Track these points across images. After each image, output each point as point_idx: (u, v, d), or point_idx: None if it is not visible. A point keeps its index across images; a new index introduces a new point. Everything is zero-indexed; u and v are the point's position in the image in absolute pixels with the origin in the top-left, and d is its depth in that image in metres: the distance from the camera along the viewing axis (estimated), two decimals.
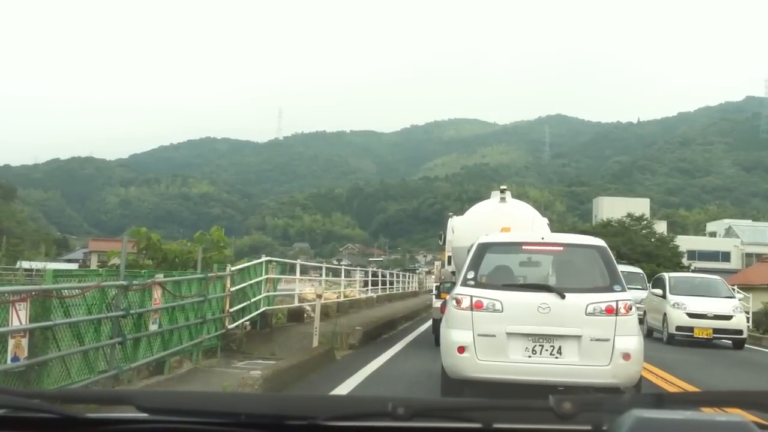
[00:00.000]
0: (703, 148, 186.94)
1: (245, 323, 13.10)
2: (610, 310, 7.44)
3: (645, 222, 56.72)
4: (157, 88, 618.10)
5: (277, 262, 15.98)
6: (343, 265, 37.72)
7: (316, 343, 12.22)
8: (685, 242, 64.57)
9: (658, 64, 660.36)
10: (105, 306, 7.69)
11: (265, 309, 14.02)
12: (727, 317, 17.56)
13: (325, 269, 24.00)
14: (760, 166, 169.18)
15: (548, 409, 1.51)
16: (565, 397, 1.52)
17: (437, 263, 25.49)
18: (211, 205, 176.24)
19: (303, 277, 20.26)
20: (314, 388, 8.97)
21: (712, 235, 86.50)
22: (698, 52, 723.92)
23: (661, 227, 65.15)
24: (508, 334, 7.42)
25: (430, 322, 15.91)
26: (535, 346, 7.41)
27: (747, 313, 21.69)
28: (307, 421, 1.58)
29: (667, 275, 20.00)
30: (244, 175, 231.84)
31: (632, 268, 26.86)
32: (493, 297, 7.53)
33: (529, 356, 7.40)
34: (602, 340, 7.36)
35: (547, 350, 7.40)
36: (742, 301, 19.01)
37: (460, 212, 15.50)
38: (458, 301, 7.66)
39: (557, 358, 7.39)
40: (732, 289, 20.49)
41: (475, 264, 7.97)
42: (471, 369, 7.47)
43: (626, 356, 7.36)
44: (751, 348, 18.36)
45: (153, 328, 9.00)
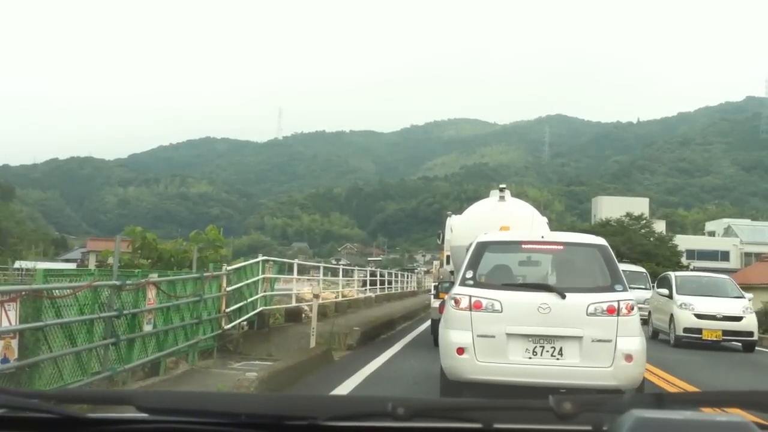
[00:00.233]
0: (702, 148, 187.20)
1: (242, 323, 12.99)
2: (612, 311, 7.30)
3: (644, 221, 56.82)
4: (157, 88, 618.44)
5: (274, 262, 15.89)
6: (342, 265, 37.67)
7: (313, 343, 12.11)
8: (684, 242, 64.63)
9: (658, 64, 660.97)
10: (98, 306, 7.58)
11: (262, 309, 13.93)
12: (737, 318, 16.80)
13: (324, 269, 23.91)
14: (759, 166, 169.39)
15: (548, 410, 1.52)
16: (565, 397, 1.53)
17: (436, 263, 25.42)
18: (210, 205, 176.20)
19: (301, 277, 20.14)
20: (311, 389, 8.88)
21: (711, 234, 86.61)
22: (698, 52, 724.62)
23: (660, 227, 65.27)
24: (508, 335, 7.29)
25: (429, 323, 15.82)
26: (536, 347, 7.28)
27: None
28: (307, 421, 1.59)
29: (673, 274, 19.28)
30: (244, 175, 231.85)
31: (635, 267, 26.46)
32: (493, 297, 7.40)
33: (530, 357, 7.27)
34: (604, 341, 7.23)
35: (547, 351, 7.27)
36: (752, 301, 18.23)
37: (459, 212, 15.40)
38: (457, 301, 7.53)
39: (558, 359, 7.26)
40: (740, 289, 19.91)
41: (474, 263, 7.84)
42: (470, 370, 7.34)
43: (628, 357, 7.23)
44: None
45: (147, 328, 8.88)
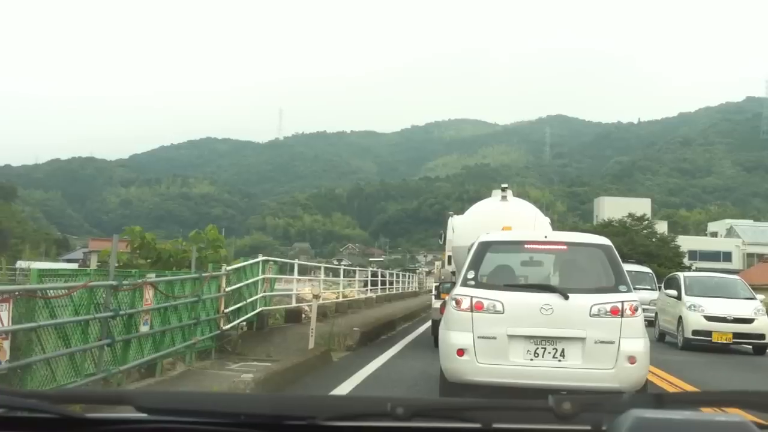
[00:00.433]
0: (703, 148, 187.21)
1: (241, 324, 12.88)
2: (615, 312, 7.18)
3: (646, 222, 56.77)
4: (158, 89, 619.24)
5: (274, 262, 15.78)
6: (343, 265, 37.56)
7: (312, 344, 12.00)
8: (687, 242, 64.56)
9: (658, 64, 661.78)
10: (93, 307, 7.46)
11: (261, 309, 13.82)
12: (749, 320, 16.22)
13: (325, 269, 23.81)
14: (760, 167, 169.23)
15: (548, 409, 1.52)
16: (564, 397, 1.52)
17: (437, 263, 25.28)
18: (211, 206, 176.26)
19: (301, 277, 20.04)
20: (309, 391, 8.79)
21: (713, 235, 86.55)
22: (698, 52, 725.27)
23: (662, 227, 65.23)
24: (510, 336, 7.17)
25: (430, 323, 15.71)
26: (537, 348, 7.16)
27: None
28: (307, 421, 1.59)
29: (682, 275, 18.61)
30: (245, 176, 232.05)
31: (641, 268, 25.92)
32: (494, 298, 7.29)
33: (531, 359, 7.15)
34: (607, 343, 7.12)
35: (549, 353, 7.15)
36: (764, 302, 17.68)
37: (461, 212, 15.30)
38: (458, 302, 7.41)
39: (560, 361, 7.14)
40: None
41: (476, 263, 7.72)
42: (470, 372, 7.21)
43: (632, 359, 7.11)
44: None
45: (144, 329, 8.77)
